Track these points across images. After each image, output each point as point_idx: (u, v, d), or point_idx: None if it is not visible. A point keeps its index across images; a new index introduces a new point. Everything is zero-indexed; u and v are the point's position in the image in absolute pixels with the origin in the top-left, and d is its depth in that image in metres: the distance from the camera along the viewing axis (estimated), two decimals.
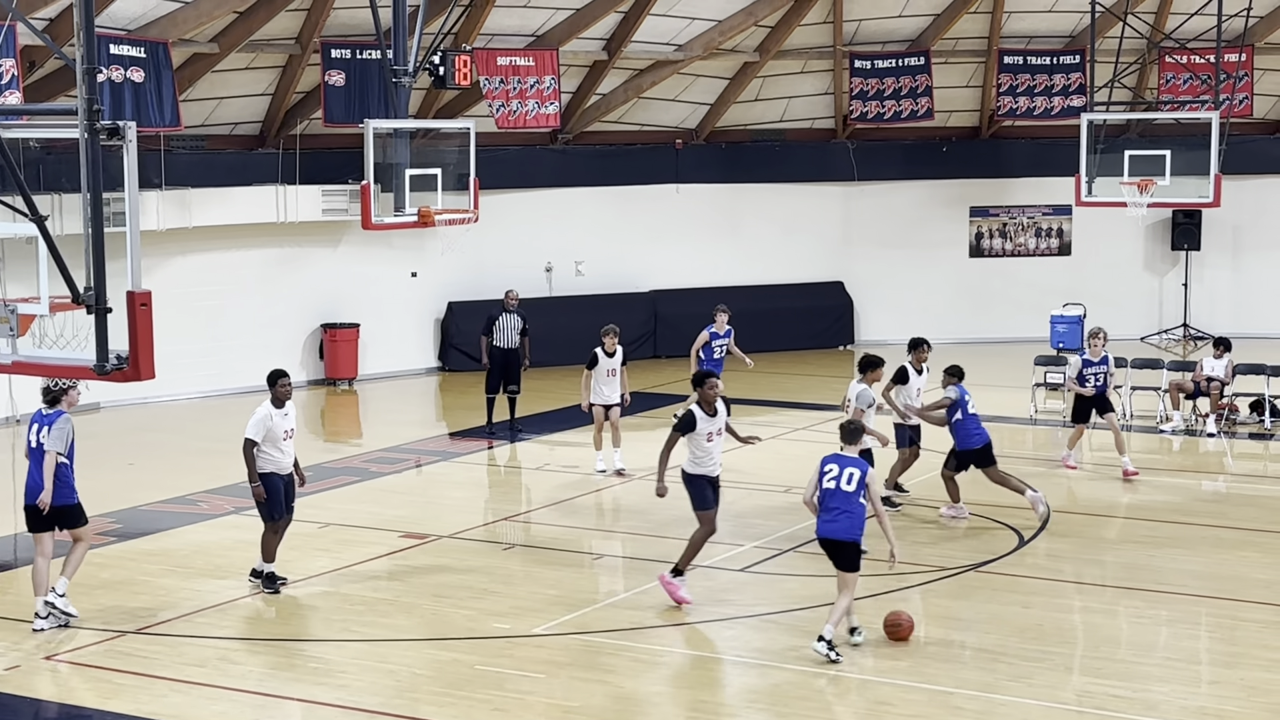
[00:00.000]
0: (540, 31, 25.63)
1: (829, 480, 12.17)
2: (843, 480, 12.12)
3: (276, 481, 13.84)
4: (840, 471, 12.15)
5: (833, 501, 12.13)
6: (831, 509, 12.13)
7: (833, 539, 12.15)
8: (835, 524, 12.11)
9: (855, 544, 12.15)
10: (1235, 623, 12.99)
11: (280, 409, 13.83)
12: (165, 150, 22.76)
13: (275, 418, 13.76)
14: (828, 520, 12.15)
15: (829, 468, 12.23)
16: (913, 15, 28.00)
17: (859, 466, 12.19)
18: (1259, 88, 29.02)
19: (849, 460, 12.24)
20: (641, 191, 28.52)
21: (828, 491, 12.16)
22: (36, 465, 12.82)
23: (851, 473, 12.13)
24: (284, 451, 13.79)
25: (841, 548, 12.13)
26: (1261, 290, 29.78)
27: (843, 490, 12.10)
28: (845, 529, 12.09)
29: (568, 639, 12.55)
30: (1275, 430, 21.14)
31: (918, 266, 29.70)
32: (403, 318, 26.70)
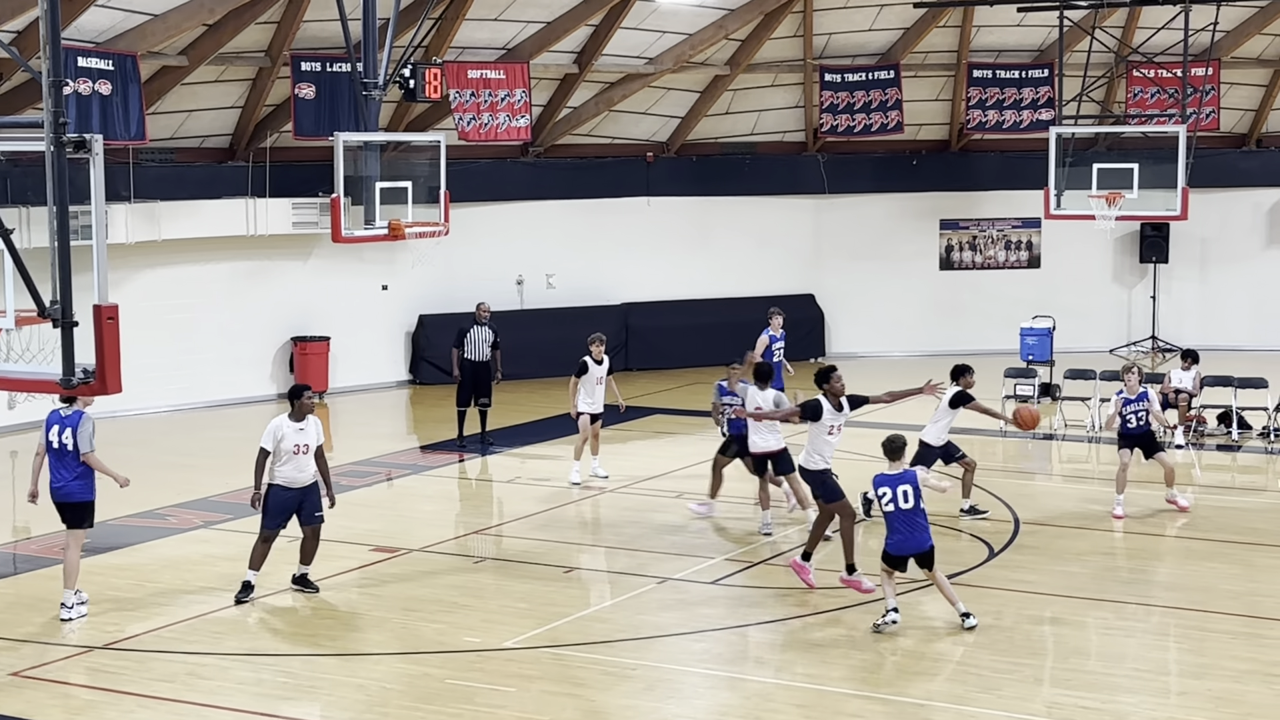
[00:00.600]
0: (511, 45, 25.64)
1: (887, 504, 12.73)
2: (900, 500, 12.68)
3: (280, 494, 13.84)
4: (894, 492, 12.70)
5: (897, 523, 12.77)
6: (898, 530, 12.79)
7: (918, 551, 12.84)
8: (908, 541, 12.80)
9: (931, 549, 12.86)
10: (1204, 634, 13.04)
11: (297, 423, 13.78)
12: (134, 163, 22.69)
13: (286, 430, 13.73)
14: (900, 540, 12.81)
15: (882, 491, 12.76)
16: (882, 29, 28.10)
17: (909, 481, 12.73)
18: (1225, 102, 29.22)
19: (898, 478, 12.76)
20: (612, 204, 28.55)
21: (889, 515, 12.76)
22: (59, 463, 13.35)
23: (905, 490, 12.69)
24: (296, 466, 13.76)
25: (922, 557, 12.87)
26: (1229, 303, 29.96)
27: (902, 510, 12.71)
28: (919, 542, 12.80)
29: (539, 652, 12.52)
30: (1242, 442, 21.25)
31: (888, 279, 29.78)
32: (373, 331, 26.65)
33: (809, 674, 11.99)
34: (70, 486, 13.44)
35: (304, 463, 13.82)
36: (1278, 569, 15.06)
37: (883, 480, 12.81)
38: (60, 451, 13.37)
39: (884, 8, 27.46)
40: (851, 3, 27.24)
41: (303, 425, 13.82)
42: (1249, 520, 17.02)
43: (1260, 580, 14.66)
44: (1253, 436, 21.47)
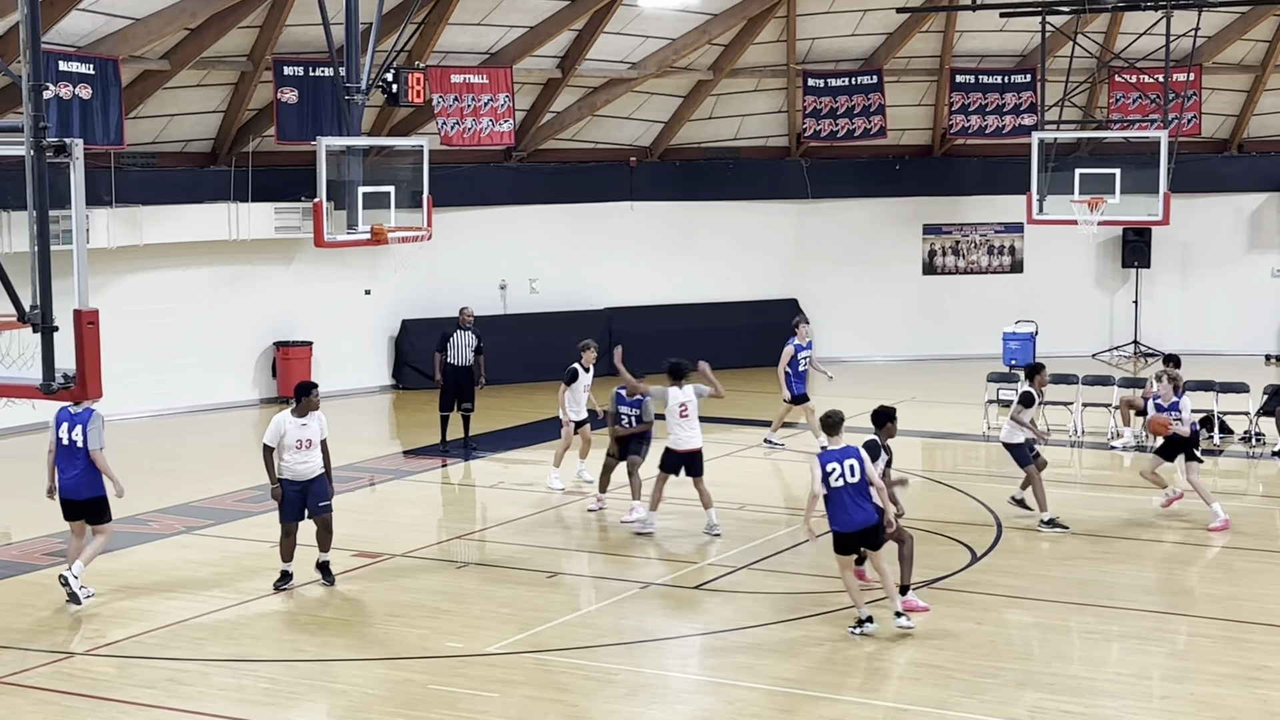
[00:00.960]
0: (494, 49, 25.63)
1: (835, 480, 12.66)
2: (847, 474, 12.65)
3: (287, 487, 14.26)
4: (842, 467, 12.66)
5: (844, 499, 12.70)
6: (843, 506, 12.70)
7: (861, 529, 12.71)
8: (854, 516, 12.70)
9: (879, 523, 12.82)
10: (1185, 638, 13.07)
11: (299, 419, 14.20)
12: (116, 167, 22.62)
13: (288, 426, 14.16)
14: (846, 516, 12.70)
15: (830, 466, 12.68)
16: (865, 34, 28.15)
17: (854, 456, 12.73)
18: (1207, 107, 29.31)
19: (842, 453, 12.75)
20: (596, 209, 28.54)
21: (836, 490, 12.69)
22: (68, 461, 13.80)
23: (851, 464, 12.68)
24: (298, 460, 14.18)
25: (870, 532, 12.77)
26: (1210, 307, 30.05)
27: (850, 484, 12.67)
28: (865, 516, 12.73)
29: (521, 658, 12.50)
30: (1224, 446, 21.30)
31: (871, 284, 29.82)
32: (356, 335, 26.61)
33: (791, 679, 11.99)
34: (77, 482, 13.82)
35: (306, 457, 14.20)
36: (1259, 573, 15.11)
37: (829, 456, 12.77)
38: (70, 449, 13.78)
39: (867, 13, 27.49)
40: (835, 7, 27.28)
41: (305, 421, 14.21)
42: (1230, 524, 17.06)
43: (1241, 584, 14.70)
44: (1234, 441, 21.52)
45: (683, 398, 16.42)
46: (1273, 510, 18.21)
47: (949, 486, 18.98)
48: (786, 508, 17.88)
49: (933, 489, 18.96)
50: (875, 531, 12.86)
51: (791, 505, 17.88)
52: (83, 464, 13.79)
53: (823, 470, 12.73)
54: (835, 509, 12.78)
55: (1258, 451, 20.93)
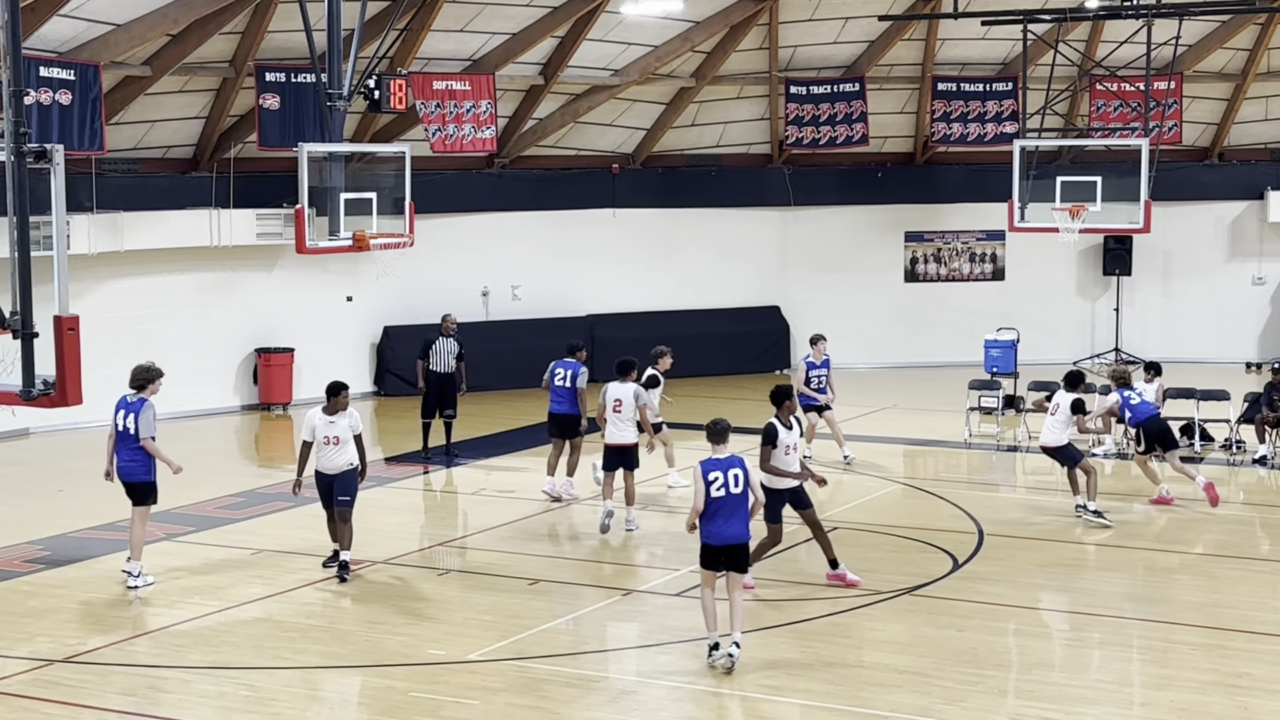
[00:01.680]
0: (476, 56, 25.62)
1: (717, 489, 12.23)
2: (730, 484, 12.26)
3: (319, 479, 15.05)
4: (725, 476, 12.26)
5: (723, 509, 12.25)
6: (720, 517, 12.24)
7: (735, 543, 12.29)
8: (728, 528, 12.27)
9: (747, 542, 12.40)
10: (1167, 645, 13.09)
11: (329, 416, 14.93)
12: (97, 173, 22.56)
13: (318, 422, 14.93)
14: (720, 527, 12.25)
15: (713, 475, 12.26)
16: (847, 42, 28.19)
17: (739, 466, 12.35)
18: (1188, 115, 29.42)
19: (727, 463, 12.36)
20: (578, 216, 28.54)
21: (717, 500, 12.24)
22: (121, 445, 14.64)
23: (735, 474, 12.30)
24: (325, 455, 14.93)
25: (739, 550, 12.34)
26: (1191, 315, 30.15)
27: (732, 494, 12.27)
28: (738, 532, 12.32)
29: (503, 664, 12.48)
30: (1205, 454, 21.36)
31: (853, 291, 29.86)
32: (338, 342, 26.55)
33: (773, 686, 11.98)
34: (129, 466, 14.61)
35: (334, 453, 14.90)
36: (1240, 581, 15.14)
37: (713, 465, 12.31)
38: (124, 435, 14.62)
39: (849, 21, 27.56)
40: (817, 15, 27.33)
41: (334, 419, 14.91)
42: (1211, 532, 17.12)
43: (1222, 592, 14.73)
44: (1215, 449, 21.58)
45: (618, 394, 16.78)
46: (1253, 518, 18.26)
47: (930, 494, 19.00)
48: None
49: (914, 496, 18.98)
50: (742, 551, 12.38)
51: None
52: (133, 449, 14.57)
53: (705, 479, 12.30)
54: (709, 520, 12.28)
55: (1238, 459, 20.99)
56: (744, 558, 12.45)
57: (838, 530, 16.88)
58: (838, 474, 19.42)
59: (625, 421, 16.78)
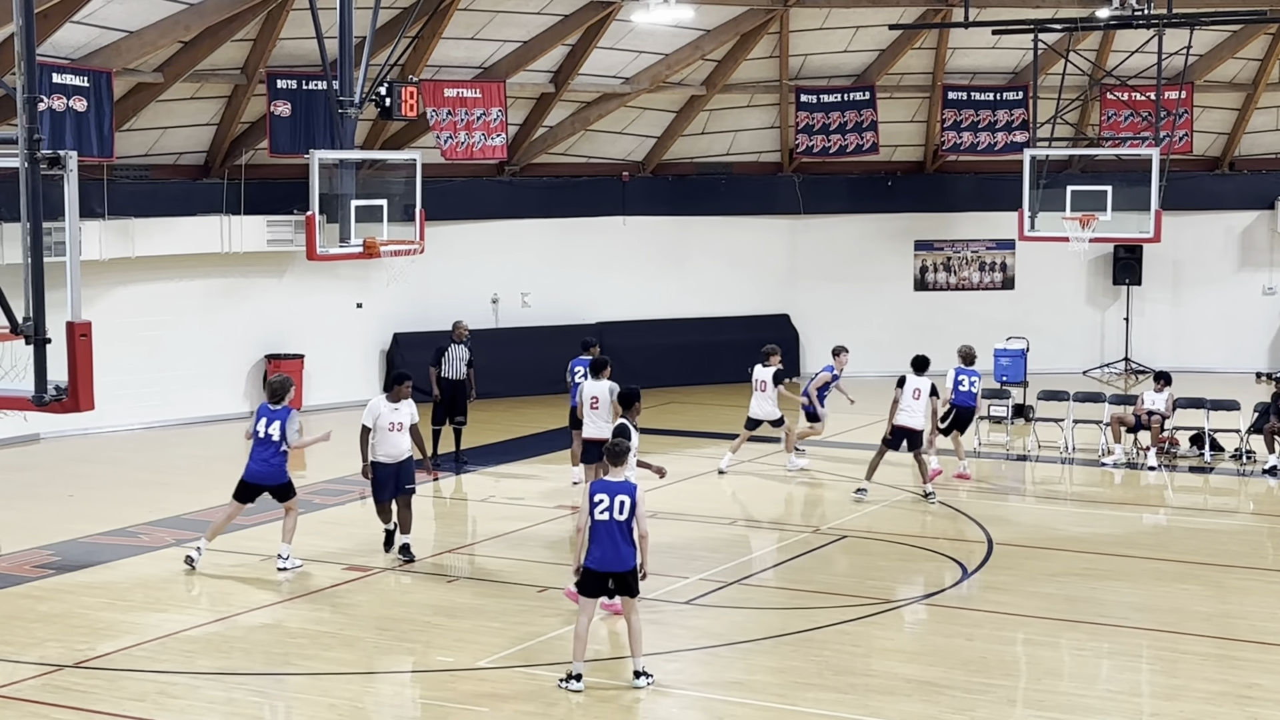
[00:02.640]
0: (487, 64, 25.67)
1: (601, 512, 11.82)
2: (615, 509, 11.81)
3: (379, 469, 15.69)
4: (611, 501, 11.84)
5: (605, 535, 11.80)
6: (603, 541, 11.82)
7: (616, 570, 11.86)
8: (612, 556, 11.84)
9: (634, 570, 11.93)
10: (1176, 655, 13.07)
11: (393, 404, 15.70)
12: (108, 180, 22.61)
13: (383, 409, 15.68)
14: (603, 554, 11.83)
15: (599, 498, 11.87)
16: (858, 51, 28.21)
17: (629, 492, 11.87)
18: (1198, 125, 29.41)
19: (618, 487, 11.92)
20: (588, 224, 28.56)
21: (601, 524, 11.81)
22: (260, 449, 15.47)
23: (622, 500, 11.82)
24: (389, 442, 15.60)
25: (624, 577, 11.90)
26: (1201, 325, 30.12)
27: (616, 520, 11.80)
28: (624, 558, 11.85)
29: (512, 672, 12.48)
30: (1214, 463, 21.34)
31: (863, 300, 29.85)
32: (348, 349, 26.59)
33: (783, 695, 11.98)
34: (267, 470, 15.48)
35: (398, 439, 15.61)
36: (1249, 591, 15.12)
37: (600, 487, 11.92)
38: (264, 440, 15.40)
39: (860, 30, 27.57)
40: (827, 24, 27.35)
41: (398, 406, 15.66)
42: (1221, 542, 17.10)
43: (1232, 602, 14.71)
44: (1224, 458, 21.55)
45: (594, 391, 17.79)
46: (1263, 528, 18.23)
47: (940, 503, 18.98)
48: (775, 523, 17.87)
49: (923, 505, 18.96)
50: (629, 577, 11.91)
51: (779, 520, 17.89)
52: (272, 454, 15.42)
53: (590, 500, 11.89)
54: (593, 543, 11.86)
55: (1248, 469, 20.96)
56: (630, 584, 11.92)
57: (847, 539, 16.90)
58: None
59: (602, 418, 17.52)
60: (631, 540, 11.91)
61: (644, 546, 11.98)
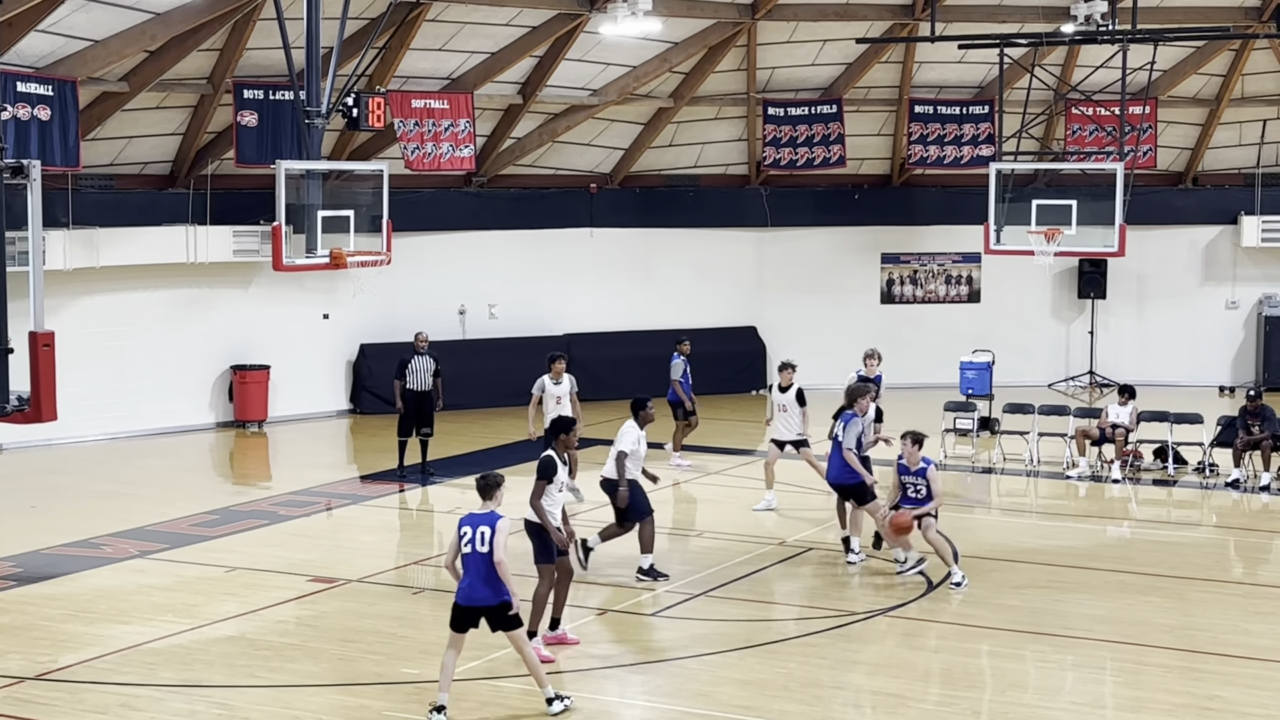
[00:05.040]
0: (455, 75, 25.65)
1: (465, 545, 11.60)
2: (477, 541, 11.57)
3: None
4: (474, 533, 11.60)
5: (471, 567, 11.59)
6: (470, 574, 11.59)
7: (482, 605, 11.59)
8: (477, 590, 11.57)
9: (506, 603, 11.60)
10: (1139, 667, 13.13)
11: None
12: (73, 189, 22.50)
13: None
14: (468, 585, 11.59)
15: (464, 530, 11.64)
16: (825, 64, 28.30)
17: (491, 524, 11.61)
18: (1162, 140, 29.58)
19: (483, 519, 11.67)
20: (556, 235, 28.56)
21: (466, 557, 11.61)
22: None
23: (483, 532, 11.57)
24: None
25: (492, 612, 11.63)
26: (1165, 339, 30.28)
27: (478, 553, 11.56)
28: (490, 594, 11.56)
29: (477, 684, 12.45)
30: (1178, 477, 21.45)
31: (830, 312, 29.91)
32: (314, 360, 26.51)
33: (749, 706, 11.98)
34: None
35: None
36: (1212, 603, 15.20)
37: (467, 520, 11.68)
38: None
39: (827, 43, 27.66)
40: (795, 38, 27.43)
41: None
42: (1184, 555, 17.19)
43: (1195, 614, 14.79)
44: (1188, 471, 21.67)
45: (557, 393, 18.97)
46: (1226, 541, 18.34)
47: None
48: (741, 535, 17.88)
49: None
50: (497, 611, 11.58)
51: (745, 533, 17.89)
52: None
53: (458, 533, 11.68)
54: (464, 577, 11.65)
55: (1211, 482, 21.07)
56: (502, 619, 11.61)
57: (813, 551, 16.92)
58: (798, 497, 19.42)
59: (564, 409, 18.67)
60: (498, 576, 11.52)
61: (502, 573, 11.52)
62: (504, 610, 11.61)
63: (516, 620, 11.70)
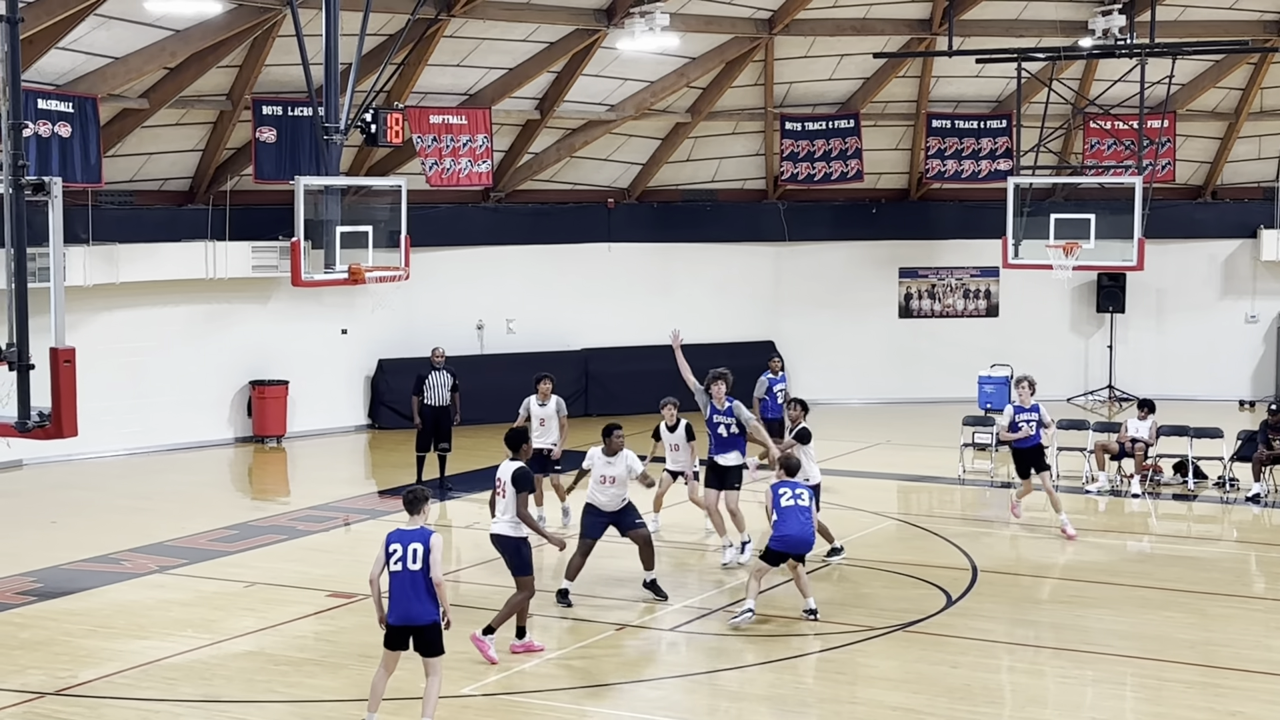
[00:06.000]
0: (473, 90, 25.71)
1: (395, 563, 11.30)
2: (409, 559, 11.27)
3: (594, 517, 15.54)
4: (404, 550, 11.30)
5: (397, 586, 11.30)
6: (396, 593, 11.31)
7: (412, 624, 11.33)
8: (404, 607, 11.30)
9: (437, 624, 11.38)
10: (1160, 683, 13.08)
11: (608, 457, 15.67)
12: (93, 205, 22.59)
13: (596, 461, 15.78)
14: (398, 604, 11.32)
15: (394, 547, 11.33)
16: (842, 78, 28.31)
17: (423, 540, 11.33)
18: (1180, 154, 29.53)
19: (412, 535, 11.39)
20: (573, 250, 28.59)
21: (394, 575, 11.32)
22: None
23: (415, 549, 11.28)
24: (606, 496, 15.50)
25: (422, 632, 11.37)
26: (1184, 353, 30.19)
27: (409, 570, 11.26)
28: (419, 613, 11.32)
29: (496, 699, 12.45)
30: (1198, 491, 21.37)
31: (848, 326, 29.90)
32: (332, 375, 26.56)
33: None
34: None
35: (613, 493, 15.47)
36: (1233, 618, 15.13)
37: (396, 536, 11.38)
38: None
39: (844, 58, 27.68)
40: (812, 52, 27.45)
41: (612, 460, 15.56)
42: (1204, 570, 17.11)
43: (1215, 630, 14.73)
44: (1208, 486, 21.59)
45: (544, 414, 18.77)
46: (1247, 556, 18.26)
47: (924, 530, 19.00)
48: (760, 549, 17.83)
49: (908, 532, 18.97)
50: (427, 633, 11.34)
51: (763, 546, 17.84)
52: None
53: (386, 549, 11.36)
54: (391, 596, 11.34)
55: (1231, 497, 20.99)
56: (430, 641, 11.36)
57: (830, 565, 16.88)
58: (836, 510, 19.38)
59: (549, 430, 18.66)
60: (429, 592, 11.29)
61: (441, 595, 11.34)
62: (434, 631, 11.36)
63: (441, 646, 11.42)
